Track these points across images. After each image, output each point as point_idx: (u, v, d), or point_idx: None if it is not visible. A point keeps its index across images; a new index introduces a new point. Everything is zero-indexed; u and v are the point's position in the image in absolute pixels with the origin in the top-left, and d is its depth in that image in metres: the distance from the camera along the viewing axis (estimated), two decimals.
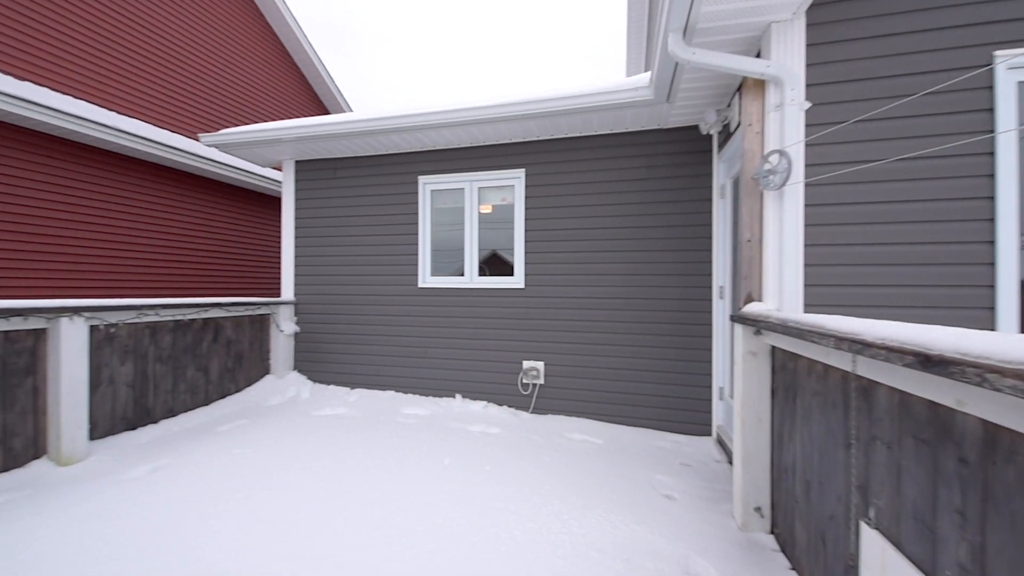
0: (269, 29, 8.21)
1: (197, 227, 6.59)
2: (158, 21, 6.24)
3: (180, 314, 3.87)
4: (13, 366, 2.81)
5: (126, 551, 2.03)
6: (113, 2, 5.67)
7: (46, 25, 5.00)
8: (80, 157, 5.15)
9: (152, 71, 6.17)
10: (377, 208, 4.84)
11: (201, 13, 6.89)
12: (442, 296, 4.60)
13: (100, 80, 5.53)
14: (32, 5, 4.88)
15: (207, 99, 6.99)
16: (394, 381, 4.76)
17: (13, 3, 4.72)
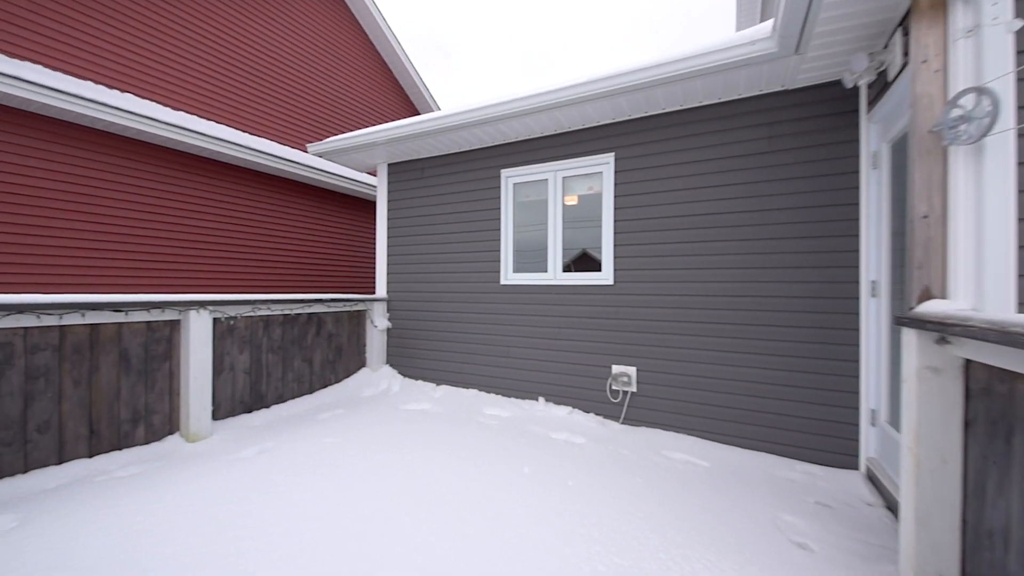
0: (367, 40, 8.86)
1: (302, 230, 7.30)
2: (277, 45, 7.05)
3: (288, 309, 4.22)
4: (153, 352, 3.24)
5: (223, 524, 2.13)
6: (239, 31, 6.52)
7: (174, 52, 5.90)
8: (213, 173, 5.99)
9: (268, 90, 6.98)
10: (460, 205, 4.81)
11: (311, 34, 7.65)
12: (524, 293, 4.39)
13: (229, 102, 6.39)
14: (168, 39, 5.78)
15: (313, 111, 7.73)
16: (477, 379, 4.67)
17: (150, 37, 5.64)
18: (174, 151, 5.56)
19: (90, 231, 4.91)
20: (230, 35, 6.45)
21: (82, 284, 4.82)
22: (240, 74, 6.58)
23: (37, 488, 2.57)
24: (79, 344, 2.86)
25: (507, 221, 4.53)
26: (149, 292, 5.35)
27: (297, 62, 7.42)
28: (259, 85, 6.82)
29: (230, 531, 2.14)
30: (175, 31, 5.86)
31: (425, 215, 5.06)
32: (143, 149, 5.33)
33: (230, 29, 6.45)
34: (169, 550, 1.98)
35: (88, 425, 2.90)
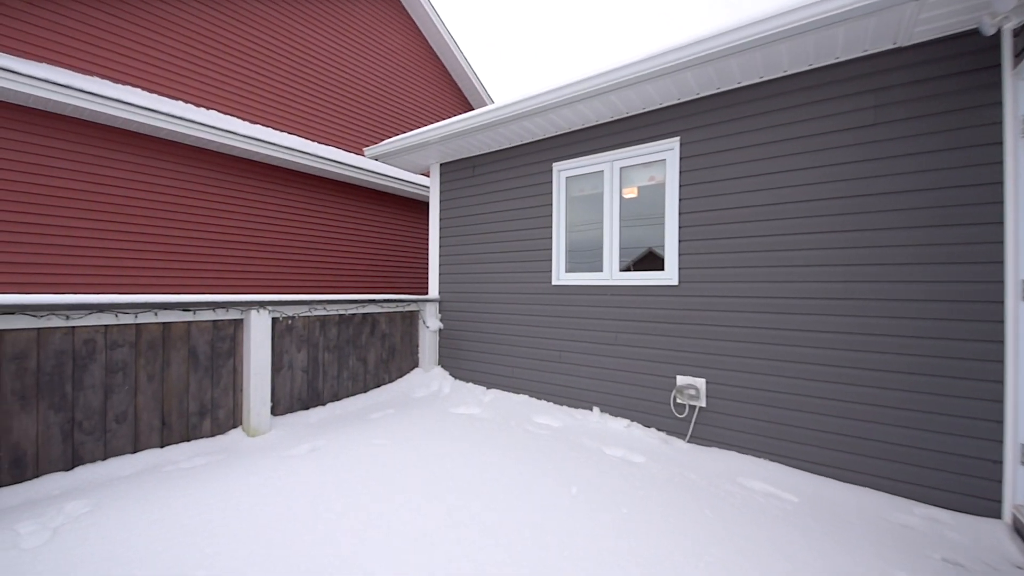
0: (424, 40, 9.02)
1: (356, 232, 7.55)
2: (337, 53, 7.37)
3: (343, 309, 4.30)
4: (219, 349, 3.40)
5: (265, 522, 2.11)
6: (302, 41, 6.87)
7: (239, 66, 6.30)
8: (274, 178, 6.35)
9: (326, 96, 7.29)
10: (510, 203, 4.62)
11: (369, 39, 7.91)
12: (578, 295, 4.10)
13: (288, 109, 6.75)
14: (240, 56, 6.19)
15: (370, 114, 7.98)
16: (527, 385, 4.45)
17: (213, 52, 6.07)
18: (239, 159, 5.97)
19: (162, 235, 5.39)
20: (294, 46, 6.84)
21: (157, 284, 5.31)
22: (299, 82, 6.95)
23: (114, 475, 2.77)
24: (153, 341, 3.06)
25: (559, 218, 4.26)
26: (215, 292, 5.78)
27: (355, 67, 7.70)
28: (318, 91, 7.17)
29: (268, 533, 2.12)
30: (245, 47, 6.31)
31: (476, 214, 4.94)
32: (210, 158, 5.78)
33: (295, 40, 6.84)
34: (209, 549, 1.97)
35: (160, 417, 3.10)
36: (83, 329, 2.75)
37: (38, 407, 2.58)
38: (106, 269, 4.90)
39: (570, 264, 4.23)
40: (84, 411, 2.75)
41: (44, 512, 2.28)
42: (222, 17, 6.09)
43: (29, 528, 2.13)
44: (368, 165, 7.00)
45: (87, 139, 4.82)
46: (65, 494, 2.51)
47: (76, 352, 2.72)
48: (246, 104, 6.31)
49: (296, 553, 1.96)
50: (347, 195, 7.31)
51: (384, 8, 8.26)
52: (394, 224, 8.13)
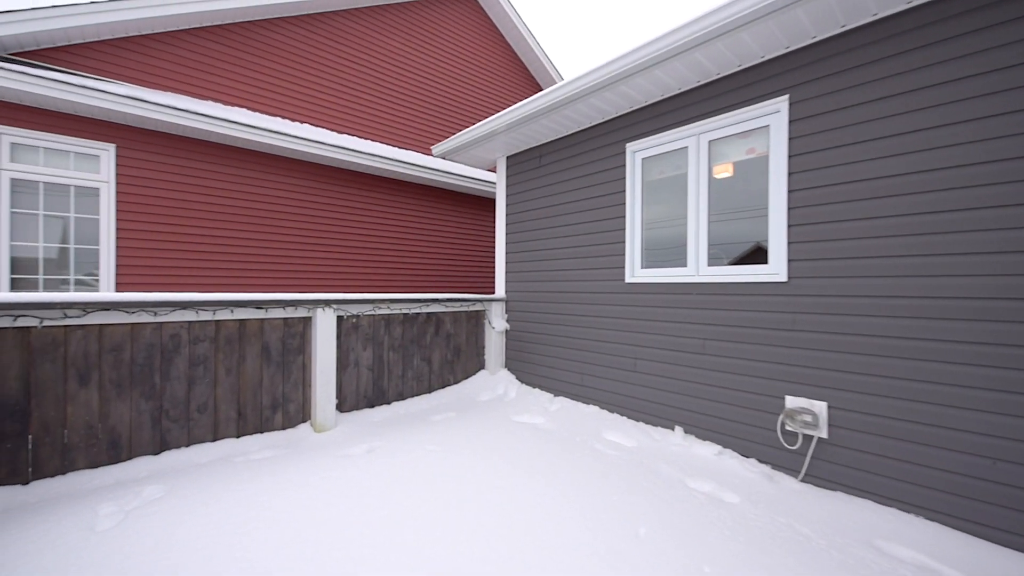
0: (497, 32, 8.89)
1: (428, 231, 7.61)
2: (409, 57, 7.53)
3: (406, 308, 4.25)
4: (289, 345, 3.52)
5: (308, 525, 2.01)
6: (376, 49, 7.11)
7: (327, 80, 6.64)
8: (342, 180, 6.63)
9: (394, 97, 7.46)
10: (579, 192, 4.19)
11: (442, 41, 7.98)
12: (656, 293, 3.53)
13: (355, 113, 7.01)
14: (321, 70, 6.55)
15: (440, 112, 8.03)
16: (598, 395, 3.99)
17: (304, 70, 6.45)
18: (310, 163, 6.34)
19: (258, 237, 5.89)
20: (374, 56, 7.13)
21: (254, 283, 5.81)
22: (381, 89, 7.23)
23: (193, 462, 2.95)
24: (230, 337, 3.23)
25: (633, 206, 3.72)
26: (301, 291, 6.19)
27: (432, 69, 7.84)
28: (399, 97, 7.40)
29: (307, 532, 2.01)
30: (331, 62, 6.71)
31: (542, 207, 4.59)
32: (300, 166, 6.20)
33: (374, 50, 7.13)
34: (251, 549, 1.91)
35: (237, 408, 3.27)
36: (169, 325, 2.98)
37: (131, 395, 2.83)
38: (218, 269, 5.51)
39: (647, 259, 3.68)
40: (170, 400, 2.98)
41: (125, 494, 2.45)
42: (313, 37, 6.56)
43: (108, 510, 2.29)
44: (440, 165, 7.04)
45: (201, 155, 5.46)
46: (149, 477, 2.71)
47: (164, 346, 2.96)
48: (334, 115, 6.72)
49: (306, 562, 1.81)
50: (420, 196, 7.44)
51: (461, 8, 8.30)
52: (464, 223, 8.13)
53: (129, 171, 5.14)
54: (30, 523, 2.13)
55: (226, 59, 5.89)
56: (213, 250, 5.54)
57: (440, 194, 7.77)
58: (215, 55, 5.82)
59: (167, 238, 5.27)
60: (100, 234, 5.04)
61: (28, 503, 2.37)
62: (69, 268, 4.93)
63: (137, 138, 5.15)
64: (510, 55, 9.24)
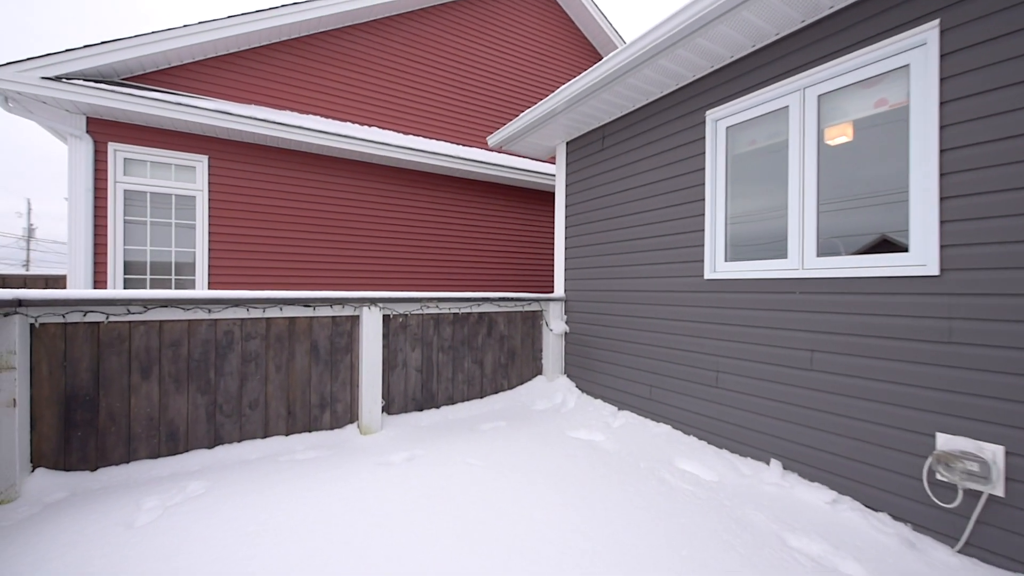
0: (563, 14, 8.42)
1: (486, 228, 7.36)
2: (476, 54, 7.38)
3: (455, 307, 4.02)
4: (337, 344, 3.45)
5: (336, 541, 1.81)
6: (443, 51, 7.04)
7: (393, 83, 6.67)
8: (392, 178, 6.59)
9: (453, 94, 7.31)
10: (648, 175, 3.62)
11: (508, 33, 7.72)
12: (744, 292, 2.87)
13: (408, 112, 6.96)
14: (387, 74, 6.60)
15: (502, 103, 7.75)
16: (671, 412, 3.39)
17: (371, 76, 6.52)
18: (377, 165, 6.41)
19: (313, 236, 6.08)
20: (429, 52, 7.10)
21: (313, 281, 6.01)
22: (432, 84, 7.16)
23: (243, 458, 2.96)
24: (280, 334, 3.23)
25: (715, 186, 3.08)
26: (362, 289, 6.28)
27: (495, 62, 7.63)
28: (448, 90, 7.29)
29: (323, 555, 1.80)
30: (395, 65, 6.79)
31: (605, 195, 4.08)
32: (370, 169, 6.32)
33: (429, 46, 7.10)
34: (265, 560, 1.75)
35: (287, 406, 3.26)
36: (223, 321, 3.03)
37: (188, 389, 2.92)
38: (294, 267, 5.82)
39: (732, 251, 3.02)
40: (224, 395, 3.03)
41: (171, 488, 2.48)
42: (379, 40, 6.70)
43: (151, 504, 2.31)
44: (503, 160, 6.80)
45: (279, 162, 5.80)
46: (201, 471, 2.75)
47: (218, 342, 3.01)
48: (399, 115, 6.81)
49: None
50: (485, 193, 7.26)
51: (540, 8, 8.02)
52: (526, 219, 7.80)
53: (219, 179, 5.59)
54: (81, 513, 2.20)
55: (301, 70, 6.20)
56: (289, 249, 5.85)
57: (504, 190, 7.53)
58: (291, 67, 6.14)
59: (250, 240, 5.66)
60: (196, 237, 5.54)
61: (91, 490, 2.49)
62: (171, 269, 5.48)
63: (226, 148, 5.58)
64: (571, 30, 8.73)
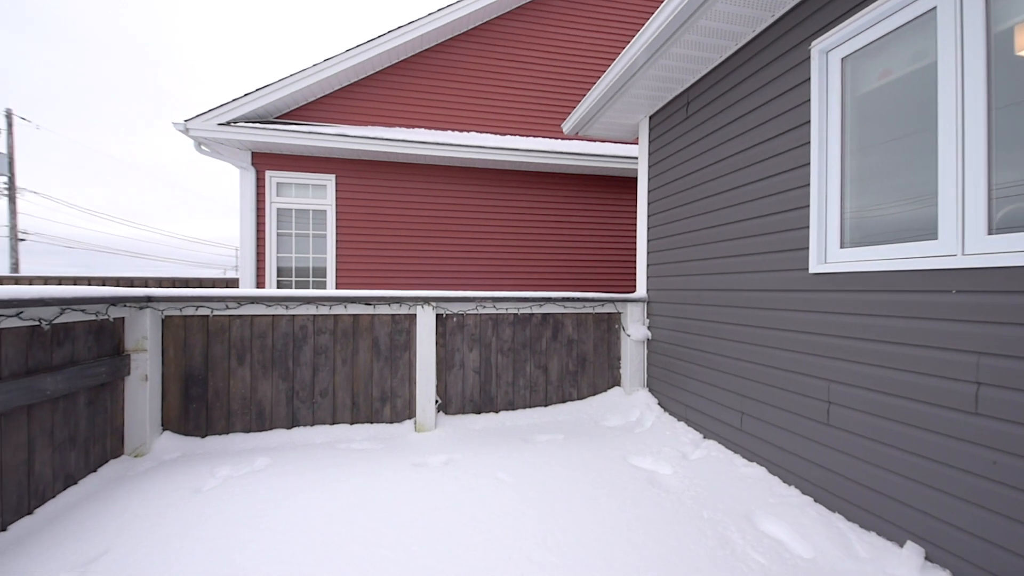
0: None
1: (554, 223, 6.81)
2: (576, 46, 6.99)
3: (514, 307, 3.80)
4: (396, 341, 3.58)
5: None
6: (536, 48, 6.82)
7: (490, 87, 6.67)
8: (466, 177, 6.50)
9: (560, 89, 6.94)
10: (737, 142, 2.82)
11: (610, 14, 7.13)
12: (869, 291, 1.97)
13: (481, 110, 6.79)
14: (482, 79, 6.64)
15: None
16: (767, 450, 2.57)
17: (467, 83, 6.60)
18: (477, 168, 6.49)
19: (419, 239, 6.43)
20: (523, 49, 6.95)
21: (417, 281, 6.38)
22: (526, 82, 6.97)
23: (311, 441, 3.28)
24: (346, 330, 3.50)
25: (824, 143, 2.21)
26: (461, 288, 6.45)
27: (585, 45, 7.13)
28: (544, 86, 7.00)
29: (288, 551, 1.82)
30: (486, 68, 6.88)
31: (691, 171, 3.36)
32: (450, 172, 6.52)
33: (522, 43, 6.94)
34: (236, 557, 1.85)
35: (351, 397, 3.51)
36: (299, 317, 3.41)
37: (272, 375, 3.36)
38: (403, 268, 6.39)
39: (852, 232, 2.12)
40: (300, 383, 3.41)
41: (245, 460, 2.85)
42: (476, 47, 6.90)
43: (223, 472, 2.69)
44: (561, 148, 6.30)
45: (390, 174, 6.43)
46: (278, 448, 3.13)
47: (295, 335, 3.40)
48: (495, 117, 6.91)
49: None
50: (549, 185, 6.85)
51: None
52: (602, 210, 7.09)
53: (344, 194, 6.45)
54: (172, 475, 2.68)
55: (406, 88, 6.76)
56: (400, 252, 6.44)
57: (576, 180, 7.00)
58: (399, 86, 6.74)
59: (368, 245, 6.40)
60: (327, 245, 6.49)
61: (196, 453, 3.04)
62: (309, 272, 6.54)
63: (348, 167, 6.42)
64: None
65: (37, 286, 2.28)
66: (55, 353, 2.37)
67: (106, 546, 1.92)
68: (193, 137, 5.83)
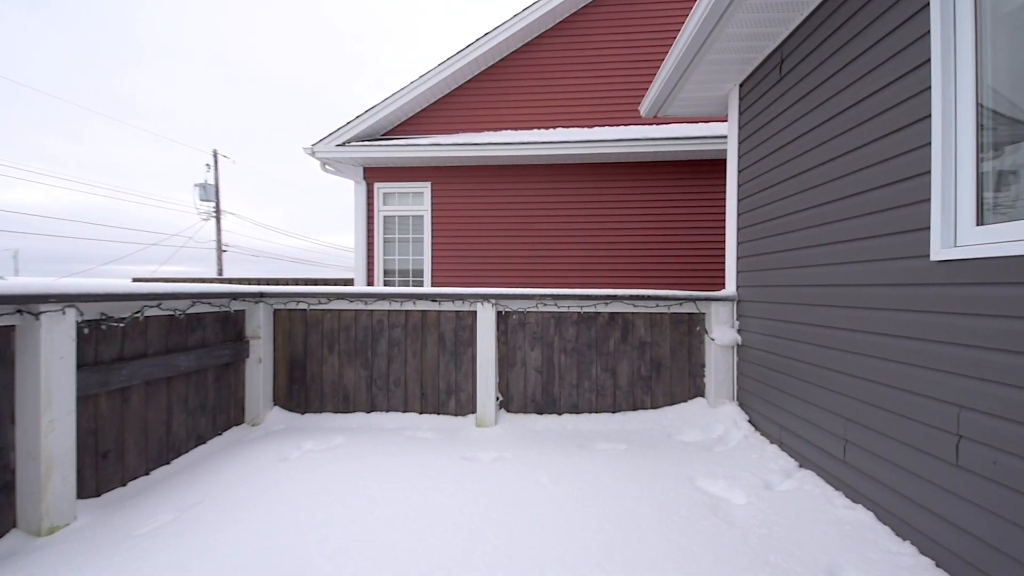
0: None
1: (648, 216, 6.11)
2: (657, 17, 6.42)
3: (578, 305, 3.61)
4: (460, 337, 3.70)
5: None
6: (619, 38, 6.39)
7: (577, 81, 6.44)
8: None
9: None
10: (837, 100, 2.23)
11: None
12: (1020, 284, 1.37)
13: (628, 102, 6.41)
14: (571, 74, 6.44)
15: None
16: (874, 490, 1.99)
17: (555, 79, 6.45)
18: (541, 165, 6.32)
19: (509, 237, 6.49)
20: (613, 35, 6.56)
21: (509, 278, 6.46)
22: (606, 72, 6.55)
23: (383, 426, 3.58)
24: (415, 325, 3.74)
25: (951, 82, 1.61)
26: (550, 285, 6.38)
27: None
28: (624, 69, 6.50)
29: (328, 526, 2.00)
30: (574, 61, 6.69)
31: (786, 143, 2.79)
32: (532, 169, 6.44)
33: (612, 32, 6.56)
34: (309, 519, 2.09)
35: (420, 388, 3.73)
36: (377, 312, 3.75)
37: (355, 364, 3.75)
38: (493, 265, 6.65)
39: (996, 202, 1.51)
40: (377, 372, 3.75)
41: (324, 438, 3.24)
42: (560, 44, 6.80)
43: (307, 446, 3.10)
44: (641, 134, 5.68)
45: (478, 177, 6.73)
46: (357, 429, 3.49)
47: (373, 328, 3.75)
48: (584, 111, 6.72)
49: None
50: (625, 175, 6.25)
51: None
52: (690, 197, 6.22)
53: (438, 200, 6.95)
54: (270, 445, 3.15)
55: (494, 92, 6.97)
56: (487, 251, 6.70)
57: (659, 168, 6.28)
58: (486, 92, 6.99)
59: (460, 245, 6.81)
60: (424, 247, 7.06)
61: (295, 427, 3.55)
62: (409, 273, 7.18)
63: (441, 174, 6.89)
64: None
65: (172, 284, 2.88)
66: (189, 337, 2.98)
67: (202, 496, 2.35)
68: (318, 159, 6.84)
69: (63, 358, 2.06)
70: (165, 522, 2.11)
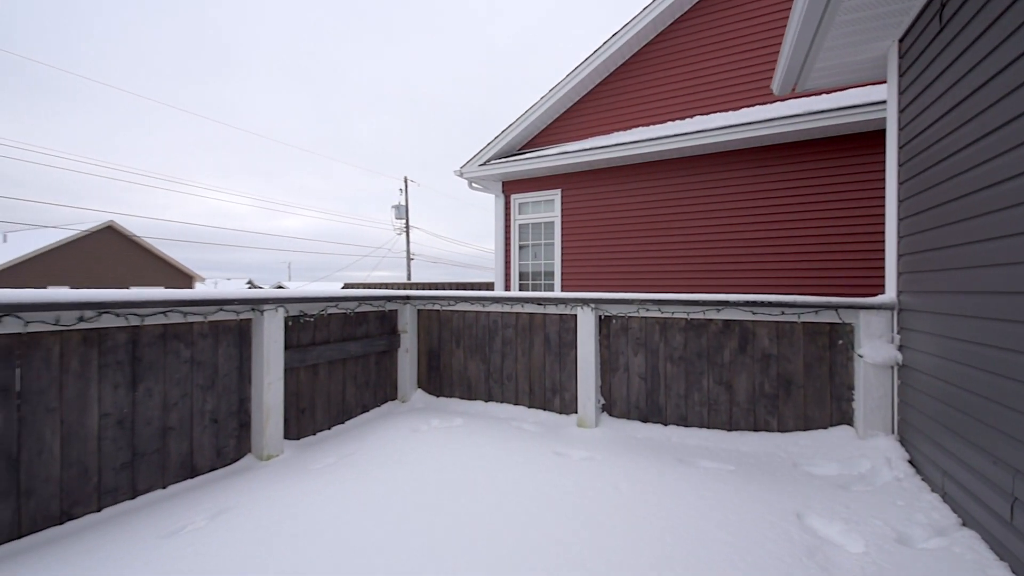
0: None
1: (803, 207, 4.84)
2: None
3: (684, 311, 3.37)
4: (564, 339, 3.88)
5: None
6: None
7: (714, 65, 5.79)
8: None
9: None
10: (1012, 45, 1.64)
11: None
12: None
13: None
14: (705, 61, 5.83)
15: None
16: None
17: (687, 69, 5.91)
18: (673, 160, 5.78)
19: (636, 238, 6.24)
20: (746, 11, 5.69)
21: (630, 282, 6.24)
22: (746, 46, 5.63)
23: (496, 415, 4.02)
24: (524, 326, 4.08)
25: None
26: (697, 291, 5.92)
27: None
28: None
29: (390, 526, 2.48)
30: (697, 48, 6.07)
31: (958, 101, 2.13)
32: (663, 165, 6.01)
33: None
34: (419, 475, 2.66)
35: (528, 384, 4.06)
36: (492, 313, 4.23)
37: (475, 358, 4.31)
38: (619, 267, 6.63)
39: None
40: (493, 367, 4.23)
41: (447, 418, 3.86)
42: (685, 29, 6.27)
43: (434, 423, 3.75)
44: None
45: (607, 179, 6.76)
46: (477, 415, 4.03)
47: (490, 328, 4.25)
48: (727, 93, 6.11)
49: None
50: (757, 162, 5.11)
51: None
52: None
53: (568, 205, 7.24)
54: (409, 419, 3.92)
55: (623, 91, 6.87)
56: (617, 253, 6.68)
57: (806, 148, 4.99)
58: (615, 92, 6.95)
59: (589, 249, 6.98)
60: (554, 252, 7.44)
61: (431, 407, 4.30)
62: (541, 276, 7.64)
63: (570, 180, 7.17)
64: None
65: (346, 290, 3.85)
66: (357, 330, 3.95)
67: (356, 448, 3.15)
68: (465, 178, 7.86)
69: (276, 341, 3.06)
70: (330, 464, 2.92)
